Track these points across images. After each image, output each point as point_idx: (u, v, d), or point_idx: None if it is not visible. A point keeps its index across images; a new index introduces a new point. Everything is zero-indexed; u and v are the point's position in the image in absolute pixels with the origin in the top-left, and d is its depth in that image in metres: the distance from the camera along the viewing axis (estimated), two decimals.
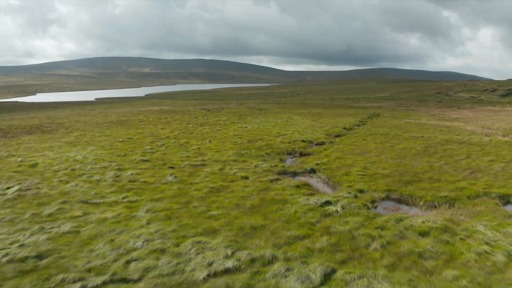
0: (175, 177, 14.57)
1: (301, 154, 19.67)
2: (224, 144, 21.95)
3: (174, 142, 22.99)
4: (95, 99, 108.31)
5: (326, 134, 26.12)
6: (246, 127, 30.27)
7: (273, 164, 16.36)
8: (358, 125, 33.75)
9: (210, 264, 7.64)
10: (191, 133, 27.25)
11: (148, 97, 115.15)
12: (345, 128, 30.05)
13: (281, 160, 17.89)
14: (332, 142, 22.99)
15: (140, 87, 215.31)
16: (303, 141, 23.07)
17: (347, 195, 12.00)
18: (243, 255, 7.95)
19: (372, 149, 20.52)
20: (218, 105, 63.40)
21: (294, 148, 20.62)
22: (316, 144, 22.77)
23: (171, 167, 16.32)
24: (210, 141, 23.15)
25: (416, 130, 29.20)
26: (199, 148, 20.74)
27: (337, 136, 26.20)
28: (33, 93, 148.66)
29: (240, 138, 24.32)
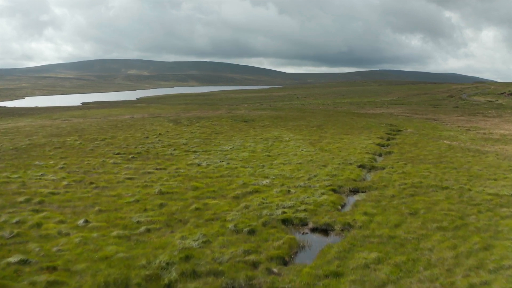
0: None
1: None
2: (102, 240, 9.22)
3: (11, 230, 10.31)
4: (81, 103, 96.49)
5: (333, 188, 13.34)
6: (200, 164, 17.52)
7: None
8: (380, 155, 20.94)
9: None
10: (90, 183, 14.55)
11: (137, 101, 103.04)
12: (363, 167, 17.25)
13: None
14: (350, 226, 9.95)
15: (136, 90, 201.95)
16: (285, 220, 10.25)
17: None
18: None
19: (450, 265, 7.76)
20: (204, 112, 50.73)
21: (257, 264, 7.82)
22: (313, 231, 9.92)
23: None
24: (87, 221, 10.44)
25: (485, 172, 16.32)
26: (27, 262, 8.03)
27: (354, 192, 13.38)
28: (23, 97, 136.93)
29: (159, 207, 11.52)
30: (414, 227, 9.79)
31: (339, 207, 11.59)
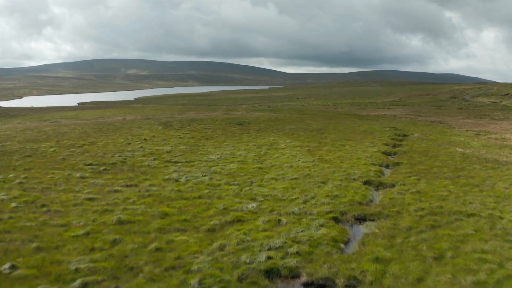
0: None
1: None
2: None
3: None
4: (78, 103, 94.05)
5: (335, 216, 10.73)
6: (178, 180, 14.94)
7: None
8: (387, 166, 18.32)
9: None
10: (42, 206, 11.97)
11: (134, 101, 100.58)
12: (369, 183, 14.65)
13: None
14: (357, 281, 7.13)
15: (135, 90, 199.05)
16: (269, 272, 7.54)
17: None
18: None
19: None
20: (199, 113, 48.15)
21: None
22: (307, 286, 7.37)
23: None
24: (13, 267, 7.82)
25: None
26: None
27: (360, 220, 10.78)
28: (20, 97, 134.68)
29: (111, 245, 8.95)
30: (443, 283, 7.18)
31: (342, 245, 8.98)
